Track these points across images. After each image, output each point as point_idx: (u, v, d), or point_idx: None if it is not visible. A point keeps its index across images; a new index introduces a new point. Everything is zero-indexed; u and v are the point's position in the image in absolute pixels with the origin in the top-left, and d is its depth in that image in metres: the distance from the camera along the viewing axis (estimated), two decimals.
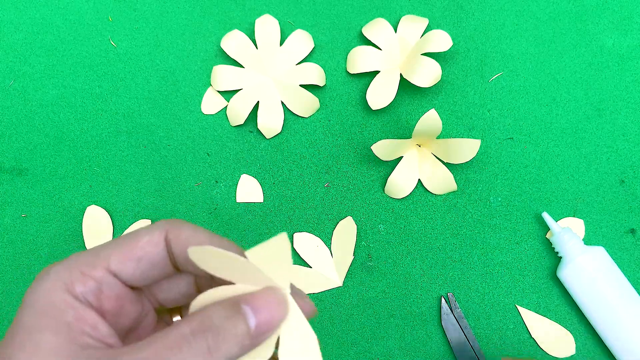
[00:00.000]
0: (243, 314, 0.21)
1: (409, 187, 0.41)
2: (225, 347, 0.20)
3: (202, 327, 0.20)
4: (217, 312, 0.21)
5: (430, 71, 0.40)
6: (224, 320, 0.20)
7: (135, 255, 0.23)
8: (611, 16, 0.44)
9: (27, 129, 0.43)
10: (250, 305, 0.21)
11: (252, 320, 0.21)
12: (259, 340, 0.21)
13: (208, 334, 0.20)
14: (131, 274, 0.23)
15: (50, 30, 0.45)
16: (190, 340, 0.20)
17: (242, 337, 0.20)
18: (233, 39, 0.43)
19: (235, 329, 0.20)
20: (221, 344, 0.20)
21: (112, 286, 0.22)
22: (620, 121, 0.43)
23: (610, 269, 0.38)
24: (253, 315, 0.21)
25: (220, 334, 0.20)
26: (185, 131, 0.43)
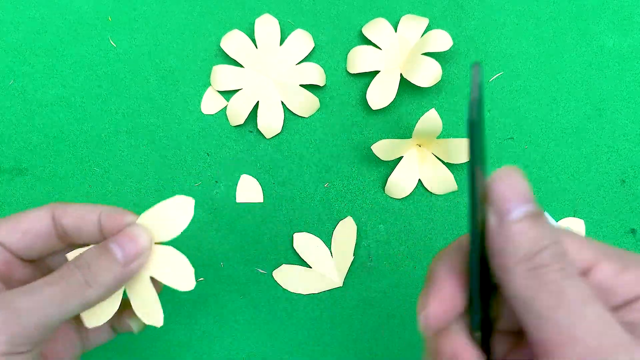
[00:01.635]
0: (110, 248, 0.25)
1: (409, 187, 0.41)
2: (100, 278, 0.24)
3: (77, 264, 0.25)
4: (89, 252, 0.25)
5: (431, 71, 0.40)
6: (94, 257, 0.25)
7: (21, 228, 0.26)
8: (612, 16, 0.44)
9: (27, 129, 0.43)
10: (117, 242, 0.25)
11: (118, 252, 0.25)
12: (131, 267, 0.25)
13: (83, 269, 0.24)
14: (16, 243, 0.26)
15: (50, 30, 0.45)
16: (68, 275, 0.24)
17: (113, 266, 0.25)
18: (233, 39, 0.43)
19: (104, 262, 0.25)
20: (95, 275, 0.24)
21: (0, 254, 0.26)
22: (620, 121, 0.43)
23: None
24: (119, 248, 0.25)
25: (92, 267, 0.24)
26: (185, 131, 0.43)
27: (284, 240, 0.42)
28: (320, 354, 0.41)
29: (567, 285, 0.17)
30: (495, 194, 0.19)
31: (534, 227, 0.18)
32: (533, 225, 0.18)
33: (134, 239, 0.26)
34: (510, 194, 0.19)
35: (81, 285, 0.24)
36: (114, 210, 0.27)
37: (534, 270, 0.18)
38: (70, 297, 0.24)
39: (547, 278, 0.18)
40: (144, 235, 0.26)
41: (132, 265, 0.25)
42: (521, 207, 0.18)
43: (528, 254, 0.18)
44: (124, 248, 0.25)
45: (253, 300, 0.41)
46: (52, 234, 0.27)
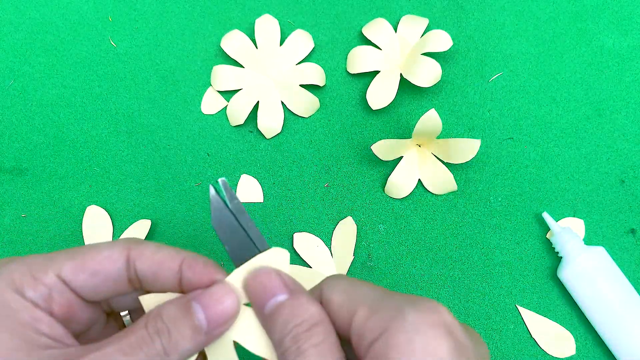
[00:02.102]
0: (193, 312, 0.22)
1: (409, 187, 0.41)
2: (180, 346, 0.21)
3: (157, 329, 0.21)
4: (168, 312, 0.22)
5: (431, 71, 0.40)
6: (175, 319, 0.22)
7: (91, 268, 0.23)
8: (611, 16, 0.44)
9: (27, 129, 0.43)
10: (200, 302, 0.22)
11: (201, 317, 0.22)
12: (213, 334, 0.23)
13: (162, 335, 0.21)
14: (83, 285, 0.23)
15: (50, 30, 0.45)
16: (147, 342, 0.21)
17: (194, 334, 0.22)
18: (233, 39, 0.43)
19: (185, 327, 0.22)
20: (175, 343, 0.21)
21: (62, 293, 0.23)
22: (620, 121, 0.43)
23: (610, 269, 0.38)
24: (202, 311, 0.22)
25: (172, 334, 0.21)
26: (185, 131, 0.43)
27: (284, 240, 0.42)
28: None
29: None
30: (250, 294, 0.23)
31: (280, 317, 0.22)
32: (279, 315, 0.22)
33: (221, 301, 0.22)
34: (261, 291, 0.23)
35: (159, 354, 0.21)
36: (198, 261, 0.24)
37: (282, 355, 0.21)
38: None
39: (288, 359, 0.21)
40: (232, 299, 0.23)
41: (215, 333, 0.22)
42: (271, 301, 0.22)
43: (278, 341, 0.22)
44: (208, 312, 0.22)
45: None
46: (124, 277, 0.24)
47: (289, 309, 0.22)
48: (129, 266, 0.24)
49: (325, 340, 0.21)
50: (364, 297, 0.22)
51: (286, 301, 0.22)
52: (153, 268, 0.23)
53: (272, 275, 0.23)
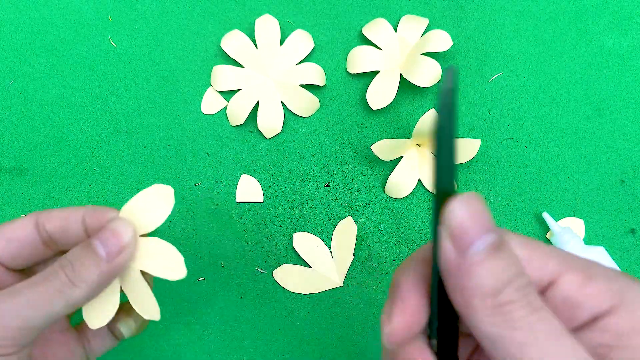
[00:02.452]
0: (93, 246, 0.24)
1: (409, 187, 0.41)
2: (84, 276, 0.24)
3: (60, 264, 0.24)
4: (72, 251, 0.25)
5: (431, 71, 0.40)
6: (78, 256, 0.24)
7: (4, 236, 0.26)
8: (611, 16, 0.44)
9: (27, 129, 0.43)
10: (99, 238, 0.25)
11: (101, 248, 0.24)
12: (116, 263, 0.25)
13: (65, 268, 0.24)
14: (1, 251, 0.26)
15: (50, 30, 0.45)
16: (53, 274, 0.24)
17: (97, 263, 0.24)
18: (233, 39, 0.43)
19: (87, 259, 0.24)
20: (79, 274, 0.24)
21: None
22: (620, 121, 0.43)
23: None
24: (102, 244, 0.24)
25: (75, 266, 0.24)
26: (185, 131, 0.43)
27: (284, 240, 0.42)
28: (320, 354, 0.41)
29: (536, 321, 0.17)
30: (453, 225, 0.17)
31: (495, 260, 0.17)
32: (494, 258, 0.17)
33: (116, 233, 0.25)
34: (469, 224, 0.17)
35: (65, 284, 0.24)
36: (97, 209, 0.27)
37: (500, 308, 0.17)
38: (54, 298, 0.23)
39: (514, 315, 0.17)
40: (126, 229, 0.25)
41: (116, 260, 0.25)
42: (482, 239, 0.17)
43: (492, 290, 0.17)
44: (106, 244, 0.24)
45: (253, 300, 0.41)
46: (37, 240, 0.27)
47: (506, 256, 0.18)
48: (40, 229, 0.26)
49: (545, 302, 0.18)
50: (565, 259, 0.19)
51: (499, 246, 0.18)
52: (60, 224, 0.26)
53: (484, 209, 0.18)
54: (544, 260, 0.19)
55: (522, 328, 0.17)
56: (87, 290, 0.24)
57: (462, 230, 0.17)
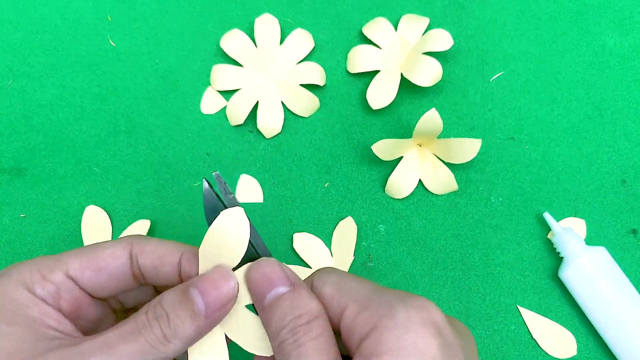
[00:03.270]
0: (191, 297, 0.22)
1: (409, 187, 0.41)
2: (179, 331, 0.22)
3: (156, 315, 0.22)
4: (168, 299, 0.23)
5: (431, 70, 0.40)
6: (174, 306, 0.22)
7: (96, 265, 0.24)
8: (612, 16, 0.44)
9: (26, 129, 0.43)
10: (197, 287, 0.22)
11: (199, 300, 0.22)
12: (213, 318, 0.23)
13: (161, 320, 0.22)
14: (89, 282, 0.24)
15: (49, 30, 0.45)
16: (147, 327, 0.22)
17: (193, 318, 0.22)
18: (232, 38, 0.43)
19: (184, 313, 0.22)
20: (174, 328, 0.22)
21: (70, 290, 0.24)
22: (621, 121, 0.43)
23: (611, 269, 0.38)
24: (200, 295, 0.22)
25: (171, 319, 0.22)
26: (185, 131, 0.43)
27: (284, 240, 0.41)
28: None
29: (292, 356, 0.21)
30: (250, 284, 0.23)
31: (278, 309, 0.22)
32: (277, 308, 0.22)
33: (218, 284, 0.23)
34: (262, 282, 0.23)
35: (160, 340, 0.22)
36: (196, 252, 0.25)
37: (279, 346, 0.22)
38: (147, 355, 0.21)
39: (284, 352, 0.21)
40: (228, 281, 0.23)
41: (215, 316, 0.23)
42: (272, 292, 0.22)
43: (273, 333, 0.22)
44: (206, 295, 0.22)
45: None
46: (128, 273, 0.25)
47: (289, 301, 0.22)
48: (132, 262, 0.24)
49: (323, 334, 0.21)
50: (354, 292, 0.22)
51: (287, 293, 0.22)
52: (155, 263, 0.24)
53: (274, 267, 0.23)
54: (341, 296, 0.22)
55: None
56: (180, 347, 0.22)
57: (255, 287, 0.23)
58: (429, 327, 0.20)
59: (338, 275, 0.23)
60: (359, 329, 0.21)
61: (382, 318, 0.20)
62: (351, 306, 0.22)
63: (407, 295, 0.21)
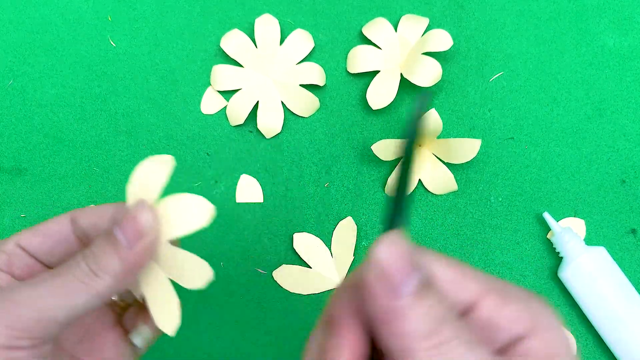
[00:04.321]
0: (113, 234, 0.23)
1: (409, 187, 0.41)
2: (105, 265, 0.23)
3: (83, 254, 0.23)
4: (95, 241, 0.24)
5: (431, 71, 0.40)
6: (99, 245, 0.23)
7: (41, 232, 0.26)
8: (612, 16, 0.44)
9: (26, 129, 0.43)
10: (119, 225, 0.23)
11: (120, 234, 0.23)
12: (139, 250, 0.23)
13: (88, 259, 0.23)
14: (38, 247, 0.26)
15: (50, 30, 0.45)
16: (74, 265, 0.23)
17: (118, 252, 0.23)
18: (233, 39, 0.43)
19: (108, 248, 0.23)
20: (101, 263, 0.23)
21: (21, 257, 0.26)
22: (621, 121, 0.43)
23: (611, 269, 0.38)
24: (121, 230, 0.23)
25: (97, 256, 0.23)
26: (185, 131, 0.43)
27: (284, 240, 0.41)
28: None
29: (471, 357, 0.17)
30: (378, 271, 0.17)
31: (427, 299, 0.17)
32: (426, 297, 0.17)
33: (134, 218, 0.24)
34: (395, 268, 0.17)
35: (87, 275, 0.23)
36: None
37: (438, 348, 0.16)
38: (76, 289, 0.22)
39: (453, 354, 0.16)
40: (143, 213, 0.24)
41: (138, 247, 0.23)
42: (410, 280, 0.17)
43: (428, 332, 0.17)
44: (125, 230, 0.23)
45: (253, 300, 0.41)
46: (72, 236, 0.26)
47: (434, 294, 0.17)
48: (75, 225, 0.26)
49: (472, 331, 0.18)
50: (484, 281, 0.19)
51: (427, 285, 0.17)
52: (93, 220, 0.26)
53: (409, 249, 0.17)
54: (465, 283, 0.19)
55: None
56: (110, 281, 0.23)
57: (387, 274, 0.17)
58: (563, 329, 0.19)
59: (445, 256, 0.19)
60: (508, 325, 0.18)
61: (538, 316, 0.18)
62: (490, 296, 0.18)
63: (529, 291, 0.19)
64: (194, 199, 0.25)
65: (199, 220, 0.25)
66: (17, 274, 0.25)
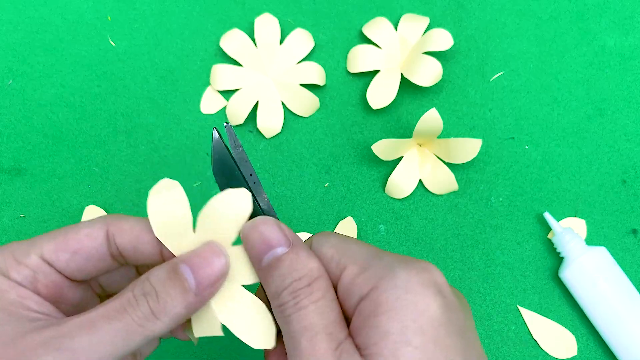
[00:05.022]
0: (180, 273, 0.21)
1: (409, 187, 0.41)
2: (169, 308, 0.21)
3: (143, 291, 0.21)
4: (156, 275, 0.21)
5: (431, 70, 0.40)
6: (163, 282, 0.21)
7: (71, 248, 0.23)
8: (612, 16, 0.44)
9: (26, 129, 0.43)
10: (188, 263, 0.22)
11: (190, 278, 0.21)
12: (203, 295, 0.22)
13: (149, 297, 0.21)
14: (66, 264, 0.23)
15: (49, 30, 0.45)
16: (133, 304, 0.21)
17: (183, 295, 0.21)
18: (232, 38, 0.43)
19: (174, 289, 0.21)
20: (163, 305, 0.21)
21: (47, 274, 0.23)
22: (621, 121, 0.43)
23: (612, 269, 0.38)
24: (191, 272, 0.21)
25: (160, 296, 0.21)
26: (185, 131, 0.43)
27: None
28: None
29: (294, 319, 0.20)
30: (247, 244, 0.22)
31: (277, 270, 0.21)
32: (277, 269, 0.21)
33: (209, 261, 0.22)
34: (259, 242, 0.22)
35: (147, 318, 0.21)
36: None
37: (279, 307, 0.21)
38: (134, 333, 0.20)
39: (284, 314, 0.21)
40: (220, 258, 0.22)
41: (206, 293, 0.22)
42: (269, 254, 0.21)
43: (273, 294, 0.21)
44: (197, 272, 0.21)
45: None
46: (106, 253, 0.23)
47: (289, 262, 0.21)
48: (109, 242, 0.23)
49: (324, 296, 0.21)
50: (355, 253, 0.22)
51: (286, 254, 0.21)
52: (133, 242, 0.23)
53: (272, 226, 0.22)
54: (341, 257, 0.22)
55: (290, 323, 0.20)
56: (169, 324, 0.21)
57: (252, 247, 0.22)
58: (430, 288, 0.20)
59: (338, 237, 0.23)
60: (357, 290, 0.20)
61: (382, 279, 0.20)
62: (350, 267, 0.21)
63: (409, 258, 0.21)
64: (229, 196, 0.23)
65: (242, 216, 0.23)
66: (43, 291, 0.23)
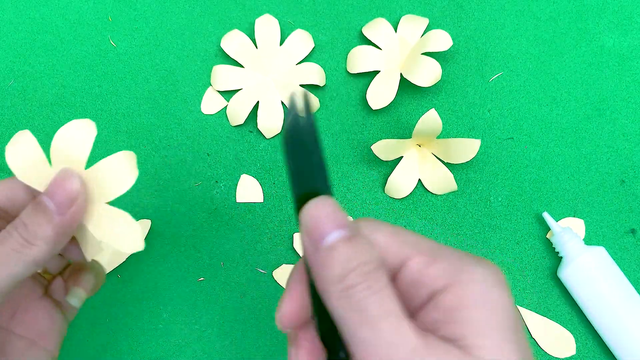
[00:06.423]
0: (42, 202, 0.24)
1: (409, 187, 0.41)
2: (38, 232, 0.24)
3: (13, 225, 0.24)
4: (24, 212, 0.24)
5: (431, 71, 0.40)
6: (29, 214, 0.24)
7: None
8: (612, 16, 0.44)
9: (27, 129, 0.43)
10: (47, 193, 0.24)
11: (49, 203, 0.24)
12: (69, 214, 0.24)
13: (18, 228, 0.24)
14: None
15: (50, 30, 0.45)
16: (8, 237, 0.23)
17: (48, 218, 0.24)
18: (233, 39, 0.43)
19: (39, 217, 0.24)
20: (32, 231, 0.24)
21: None
22: (620, 121, 0.43)
23: (610, 269, 0.38)
24: (49, 198, 0.24)
25: (28, 224, 0.24)
26: (185, 131, 0.43)
27: (284, 240, 0.41)
28: None
29: (370, 303, 0.18)
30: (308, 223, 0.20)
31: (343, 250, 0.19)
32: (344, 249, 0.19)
33: (63, 184, 0.24)
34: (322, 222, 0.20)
35: (21, 244, 0.24)
36: None
37: (344, 292, 0.19)
38: (12, 258, 0.23)
39: (354, 298, 0.19)
40: (72, 178, 0.25)
41: (69, 213, 0.24)
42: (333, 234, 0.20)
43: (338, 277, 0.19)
44: (54, 197, 0.24)
45: (253, 300, 0.41)
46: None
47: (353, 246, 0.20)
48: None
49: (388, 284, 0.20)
50: (417, 244, 0.21)
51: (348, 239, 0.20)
52: (7, 194, 0.26)
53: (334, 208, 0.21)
54: (400, 246, 0.21)
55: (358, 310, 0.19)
56: (44, 247, 0.24)
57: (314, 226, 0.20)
58: (504, 285, 0.20)
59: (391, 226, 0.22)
60: (429, 281, 0.20)
61: (461, 273, 0.20)
62: (417, 258, 0.20)
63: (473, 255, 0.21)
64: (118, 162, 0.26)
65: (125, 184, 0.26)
66: None
